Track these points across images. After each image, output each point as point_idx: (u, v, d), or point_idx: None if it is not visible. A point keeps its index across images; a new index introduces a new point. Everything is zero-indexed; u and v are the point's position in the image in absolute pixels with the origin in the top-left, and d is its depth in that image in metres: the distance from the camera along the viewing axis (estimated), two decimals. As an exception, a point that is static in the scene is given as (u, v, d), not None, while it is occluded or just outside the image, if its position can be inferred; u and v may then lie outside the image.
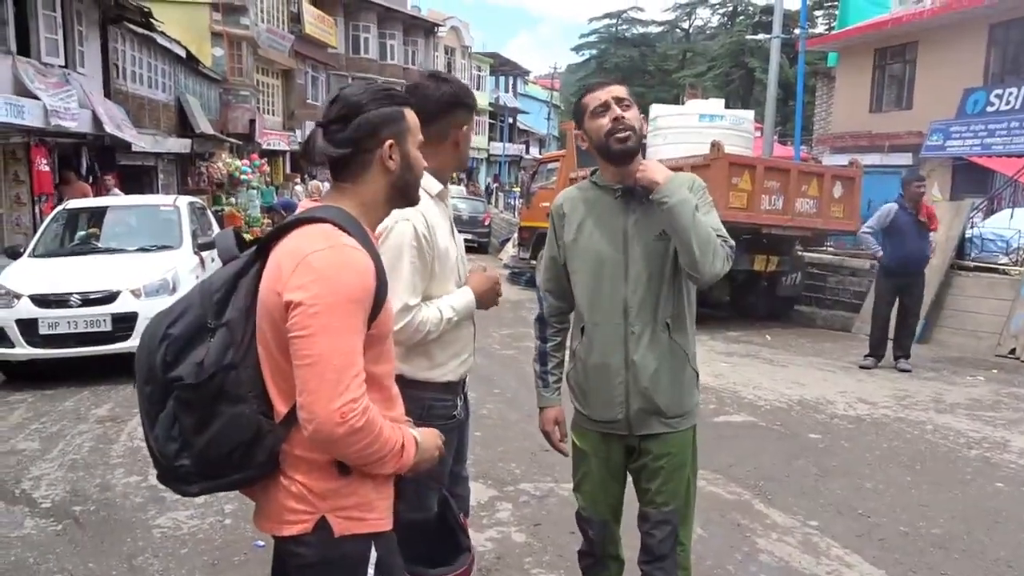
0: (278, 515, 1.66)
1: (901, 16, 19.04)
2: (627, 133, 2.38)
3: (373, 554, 1.68)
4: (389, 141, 1.71)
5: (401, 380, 2.31)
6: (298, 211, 1.74)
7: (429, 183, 2.35)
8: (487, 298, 2.53)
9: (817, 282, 12.57)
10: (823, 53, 24.53)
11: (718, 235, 2.34)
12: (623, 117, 2.38)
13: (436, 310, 2.32)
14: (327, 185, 1.90)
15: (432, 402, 2.39)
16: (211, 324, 1.62)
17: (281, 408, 1.61)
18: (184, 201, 9.34)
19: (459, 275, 2.49)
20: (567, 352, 2.73)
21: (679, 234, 2.30)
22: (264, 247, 1.66)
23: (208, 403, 1.58)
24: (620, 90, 2.44)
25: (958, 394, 7.51)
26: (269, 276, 1.60)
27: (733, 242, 2.42)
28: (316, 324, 1.51)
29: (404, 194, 1.80)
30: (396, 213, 2.09)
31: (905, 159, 18.59)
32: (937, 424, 6.43)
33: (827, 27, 37.45)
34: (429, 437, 1.79)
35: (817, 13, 42.29)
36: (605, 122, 2.39)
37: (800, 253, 12.13)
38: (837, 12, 26.87)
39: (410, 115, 1.77)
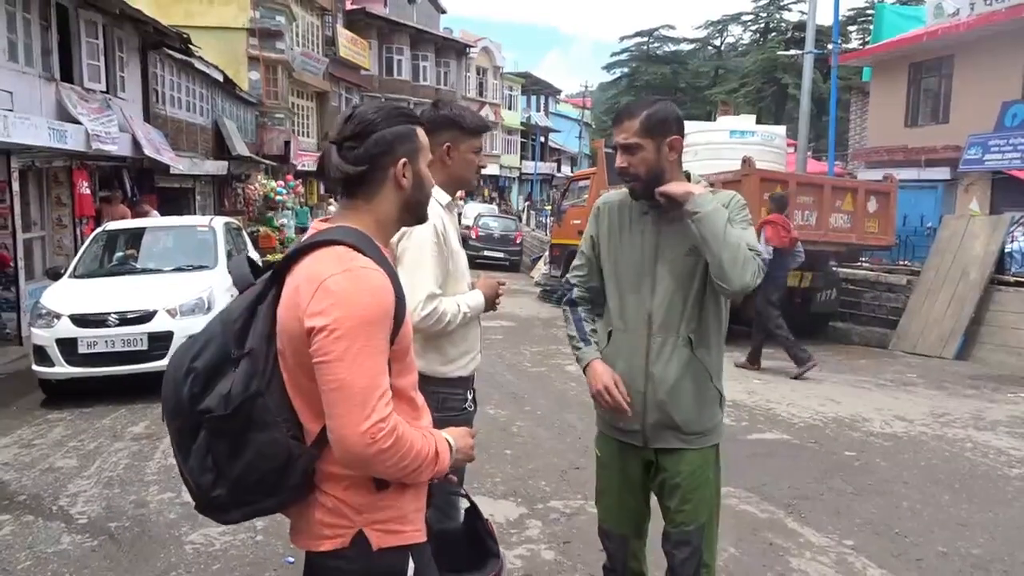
0: (314, 531, 1.66)
1: (936, 30, 18.78)
2: (631, 182, 2.46)
3: (411, 566, 1.68)
4: (403, 159, 1.72)
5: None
6: (310, 232, 1.73)
7: (438, 194, 2.64)
8: (492, 300, 2.78)
9: (852, 298, 12.40)
10: (857, 68, 24.27)
11: (750, 248, 2.33)
12: (626, 168, 2.43)
13: (455, 304, 2.58)
14: None
15: (445, 395, 2.62)
16: (234, 354, 1.63)
17: (313, 428, 1.62)
18: (220, 222, 9.50)
19: (467, 279, 2.76)
20: None
21: (709, 244, 2.29)
22: (279, 272, 1.67)
23: (239, 432, 1.59)
24: (626, 133, 2.40)
25: (999, 412, 7.34)
26: (288, 302, 1.60)
27: (766, 256, 2.40)
28: (339, 348, 1.52)
29: (414, 212, 1.81)
30: None
31: (943, 173, 18.30)
32: (977, 442, 6.28)
33: (861, 42, 37.19)
34: (462, 437, 1.81)
35: (851, 28, 41.99)
36: (618, 163, 2.48)
37: (835, 269, 11.98)
38: (871, 27, 26.63)
39: (421, 134, 1.79)
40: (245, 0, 24.77)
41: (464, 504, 2.23)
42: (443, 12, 46.88)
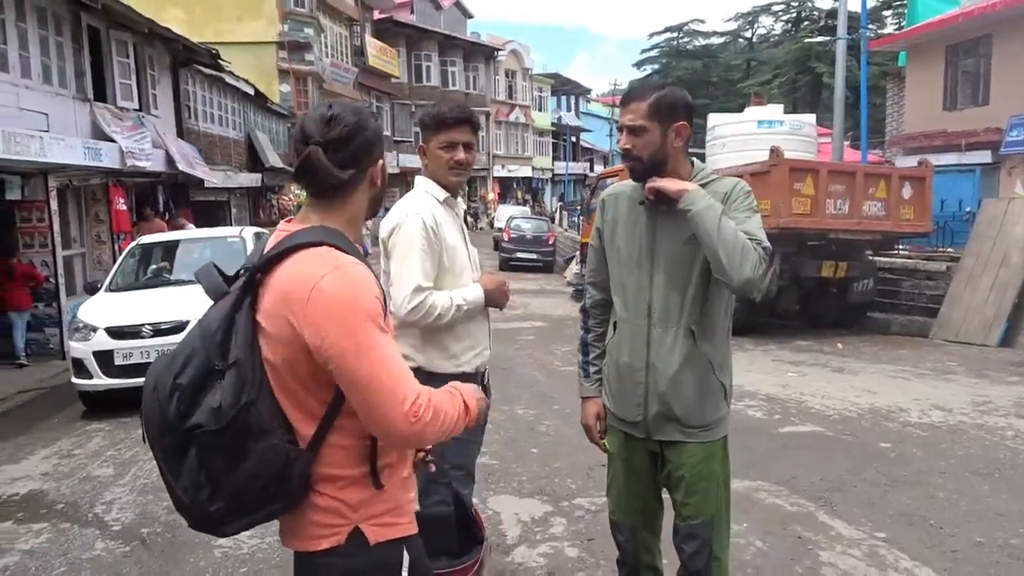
0: (310, 531, 1.65)
1: (972, 10, 18.33)
2: (631, 163, 2.41)
3: (406, 557, 1.69)
4: (381, 160, 1.75)
5: (419, 372, 2.47)
6: (278, 235, 1.70)
7: (434, 190, 2.68)
8: (495, 295, 2.72)
9: (891, 287, 12.14)
10: (893, 53, 23.77)
11: (751, 239, 2.26)
12: (629, 150, 2.39)
13: (447, 297, 2.56)
14: None
15: None
16: (219, 366, 1.59)
17: (306, 431, 1.61)
18: (250, 232, 9.63)
19: (472, 275, 2.74)
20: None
21: (705, 240, 2.25)
22: (254, 278, 1.64)
23: (235, 443, 1.57)
24: (632, 115, 2.36)
25: (1043, 399, 7.12)
26: (275, 308, 1.59)
27: (768, 245, 2.32)
28: (355, 345, 1.52)
29: (374, 206, 1.83)
30: (406, 209, 2.45)
31: (984, 157, 17.83)
32: (1019, 430, 6.10)
33: (896, 26, 36.45)
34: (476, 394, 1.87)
35: (885, 13, 41.25)
36: (621, 144, 2.43)
37: (871, 258, 11.74)
38: (906, 11, 26.09)
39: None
40: (274, 14, 25.18)
41: (450, 491, 2.26)
42: (470, 17, 47.04)
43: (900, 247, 13.23)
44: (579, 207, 26.17)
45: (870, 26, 18.39)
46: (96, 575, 4.06)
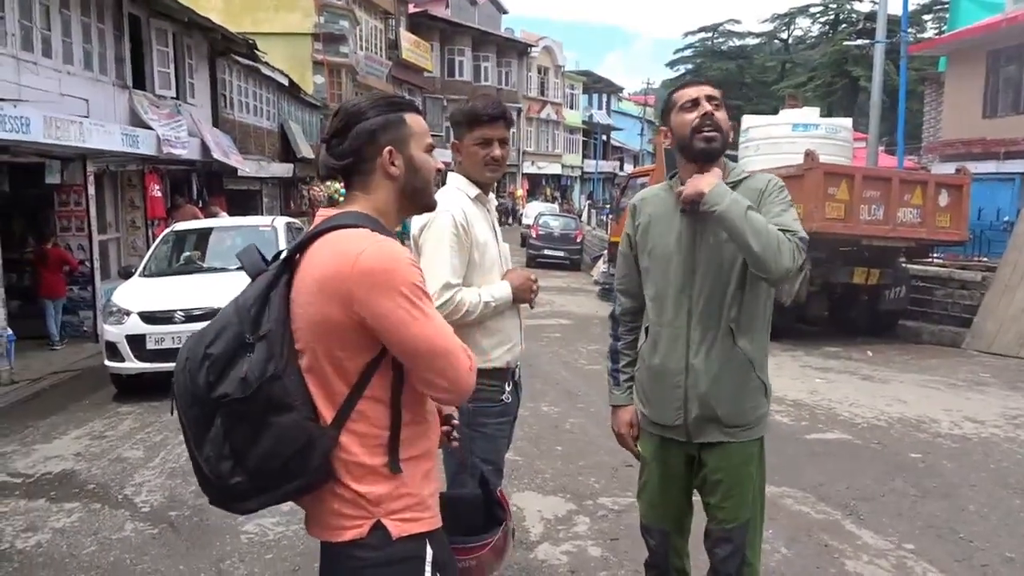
0: (332, 522, 1.67)
1: (1016, 16, 17.99)
2: (714, 133, 2.33)
3: (428, 551, 1.69)
4: (388, 148, 1.72)
5: None
6: (317, 220, 1.73)
7: (466, 186, 2.70)
8: (522, 291, 2.72)
9: (923, 296, 11.96)
10: (933, 58, 23.40)
11: (786, 230, 2.23)
12: (712, 113, 2.32)
13: (475, 293, 2.58)
14: None
15: (480, 387, 2.62)
16: (249, 339, 1.62)
17: (328, 414, 1.63)
18: (281, 221, 9.74)
19: (502, 271, 2.74)
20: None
21: (735, 237, 2.23)
22: (292, 258, 1.68)
23: (259, 415, 1.59)
24: (712, 89, 2.38)
25: (1079, 413, 6.98)
26: (314, 284, 1.61)
27: (805, 235, 2.29)
28: (405, 314, 1.56)
29: (415, 199, 1.80)
30: (438, 206, 2.35)
31: (1023, 166, 17.53)
32: (1053, 445, 5.99)
33: (937, 31, 35.88)
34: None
35: (926, 17, 40.62)
36: (692, 117, 2.34)
37: (904, 265, 11.57)
38: (947, 15, 25.64)
39: (412, 119, 1.77)
40: (310, 6, 25.35)
41: (476, 476, 2.31)
42: (505, 12, 47.05)
43: (934, 255, 13.02)
44: (608, 205, 26.08)
45: (909, 30, 18.03)
46: (125, 555, 4.13)
